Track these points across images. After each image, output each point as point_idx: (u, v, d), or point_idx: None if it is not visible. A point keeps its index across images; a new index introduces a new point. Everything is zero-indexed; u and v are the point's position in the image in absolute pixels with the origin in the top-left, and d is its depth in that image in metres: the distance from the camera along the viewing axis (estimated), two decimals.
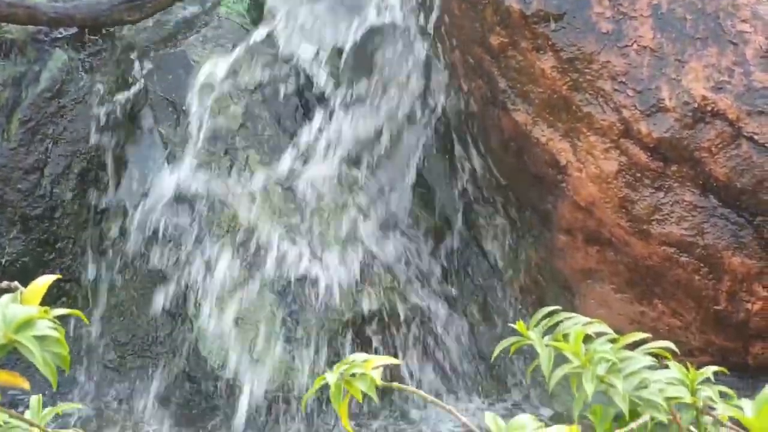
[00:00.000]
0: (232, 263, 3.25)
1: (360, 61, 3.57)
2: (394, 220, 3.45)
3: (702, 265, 2.89)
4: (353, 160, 3.48)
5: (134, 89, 3.59)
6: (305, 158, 3.45)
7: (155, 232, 3.39)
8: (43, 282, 1.02)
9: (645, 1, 2.91)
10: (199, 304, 3.23)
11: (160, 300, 3.32)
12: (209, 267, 3.28)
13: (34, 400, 1.12)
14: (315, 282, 3.21)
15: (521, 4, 3.04)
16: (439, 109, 3.53)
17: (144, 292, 3.41)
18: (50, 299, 0.98)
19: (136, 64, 3.62)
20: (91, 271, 3.45)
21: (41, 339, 0.96)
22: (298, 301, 3.19)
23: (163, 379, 3.27)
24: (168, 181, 3.41)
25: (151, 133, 3.56)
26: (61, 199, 3.42)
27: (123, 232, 3.46)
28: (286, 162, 3.44)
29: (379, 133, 3.53)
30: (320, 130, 3.47)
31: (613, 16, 2.93)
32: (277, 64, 3.60)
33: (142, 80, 3.60)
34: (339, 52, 3.61)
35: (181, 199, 3.40)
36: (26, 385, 1.00)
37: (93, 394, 3.31)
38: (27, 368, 1.82)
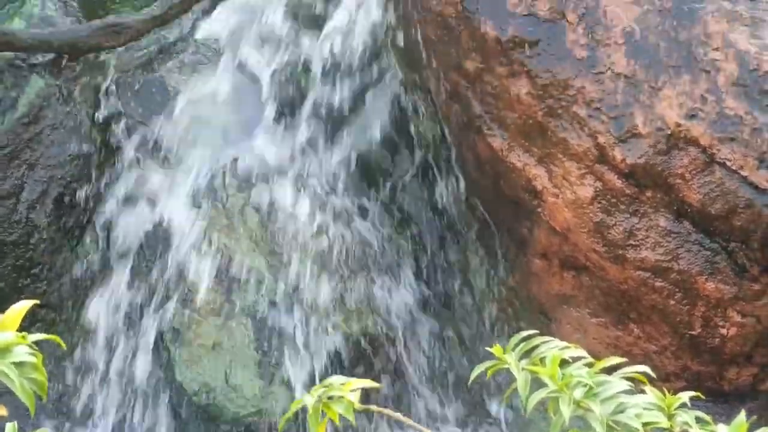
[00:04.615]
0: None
1: None
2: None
3: (677, 290, 2.90)
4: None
5: (111, 115, 3.59)
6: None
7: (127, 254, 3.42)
8: (21, 307, 1.01)
9: (619, 28, 2.93)
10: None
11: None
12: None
13: (10, 427, 1.11)
14: None
15: (497, 30, 3.06)
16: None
17: None
18: (25, 325, 0.98)
19: (114, 90, 3.61)
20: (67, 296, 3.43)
21: (20, 365, 0.95)
22: None
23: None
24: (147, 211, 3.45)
25: (128, 157, 3.56)
26: (37, 225, 3.41)
27: (100, 257, 3.45)
28: None
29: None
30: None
31: (588, 43, 2.95)
32: None
33: (120, 106, 3.59)
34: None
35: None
36: (3, 411, 0.99)
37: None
38: (1, 395, 1.80)
